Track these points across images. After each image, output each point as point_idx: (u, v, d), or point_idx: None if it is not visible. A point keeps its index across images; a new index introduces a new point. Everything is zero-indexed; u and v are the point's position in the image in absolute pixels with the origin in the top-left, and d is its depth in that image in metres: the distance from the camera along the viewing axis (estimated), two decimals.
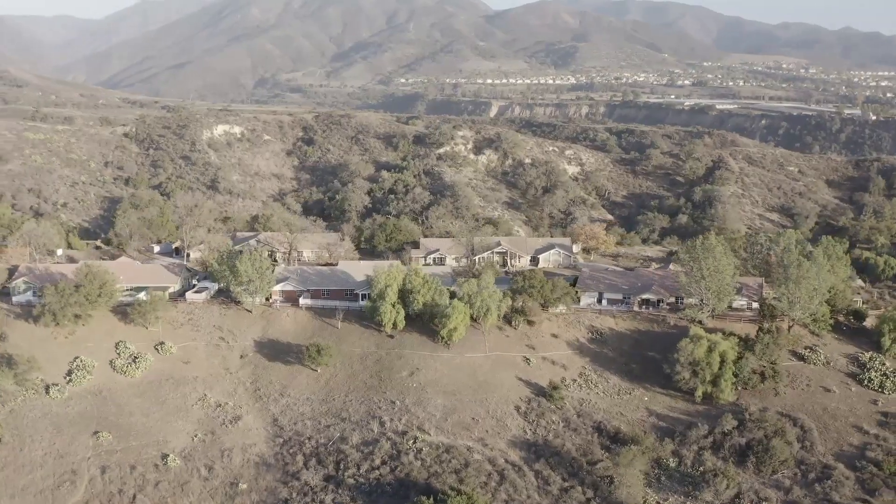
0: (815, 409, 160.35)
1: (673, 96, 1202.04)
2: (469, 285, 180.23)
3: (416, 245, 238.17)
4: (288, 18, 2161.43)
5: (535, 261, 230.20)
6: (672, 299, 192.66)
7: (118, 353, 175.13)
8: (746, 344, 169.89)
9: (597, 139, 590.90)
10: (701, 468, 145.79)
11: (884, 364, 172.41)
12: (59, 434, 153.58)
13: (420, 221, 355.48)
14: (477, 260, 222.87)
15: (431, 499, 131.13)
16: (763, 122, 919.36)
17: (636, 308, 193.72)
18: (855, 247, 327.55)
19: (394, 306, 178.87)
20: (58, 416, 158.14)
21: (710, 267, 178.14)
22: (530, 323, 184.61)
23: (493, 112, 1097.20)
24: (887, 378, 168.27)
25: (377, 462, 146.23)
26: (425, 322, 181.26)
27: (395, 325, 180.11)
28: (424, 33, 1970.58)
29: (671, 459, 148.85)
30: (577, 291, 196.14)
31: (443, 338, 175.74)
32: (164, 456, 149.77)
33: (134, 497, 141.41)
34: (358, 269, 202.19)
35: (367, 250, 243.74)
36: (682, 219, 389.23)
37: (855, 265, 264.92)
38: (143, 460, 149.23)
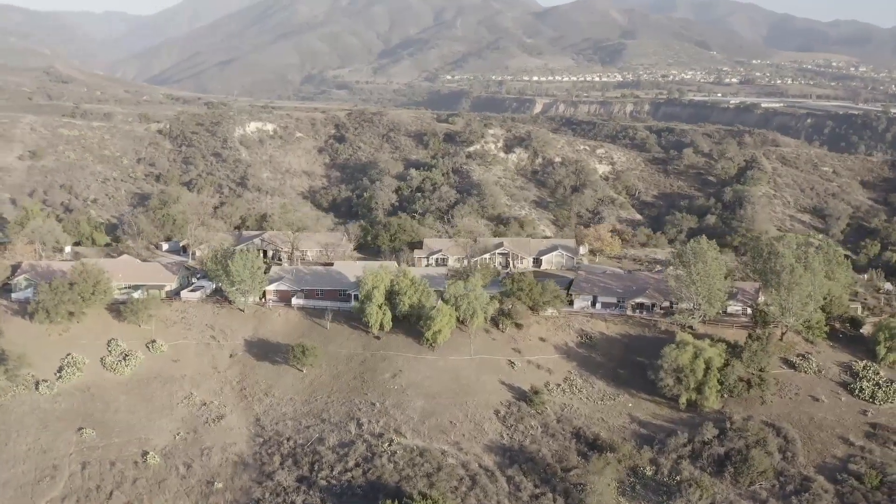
0: (801, 419, 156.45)
1: (719, 94, 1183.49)
2: (455, 287, 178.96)
3: (419, 245, 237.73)
4: (336, 15, 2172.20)
5: (538, 262, 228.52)
6: (666, 303, 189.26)
7: (109, 351, 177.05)
8: (735, 351, 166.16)
9: (636, 137, 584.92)
10: (678, 477, 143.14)
11: (877, 373, 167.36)
12: (45, 430, 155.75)
13: (445, 220, 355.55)
14: (478, 261, 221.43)
15: (397, 502, 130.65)
16: (808, 120, 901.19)
17: (630, 312, 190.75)
18: (887, 249, 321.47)
19: (380, 307, 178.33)
20: (45, 411, 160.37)
21: (700, 271, 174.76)
22: (518, 326, 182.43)
23: (538, 109, 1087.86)
24: (879, 388, 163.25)
25: (351, 464, 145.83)
26: (412, 324, 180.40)
27: (382, 327, 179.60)
28: (471, 30, 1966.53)
29: (648, 468, 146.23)
30: (570, 294, 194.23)
31: (428, 340, 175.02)
32: (145, 453, 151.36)
33: (111, 493, 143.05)
34: (352, 270, 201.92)
35: (374, 250, 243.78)
36: (711, 219, 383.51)
37: (885, 268, 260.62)
38: (124, 457, 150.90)
